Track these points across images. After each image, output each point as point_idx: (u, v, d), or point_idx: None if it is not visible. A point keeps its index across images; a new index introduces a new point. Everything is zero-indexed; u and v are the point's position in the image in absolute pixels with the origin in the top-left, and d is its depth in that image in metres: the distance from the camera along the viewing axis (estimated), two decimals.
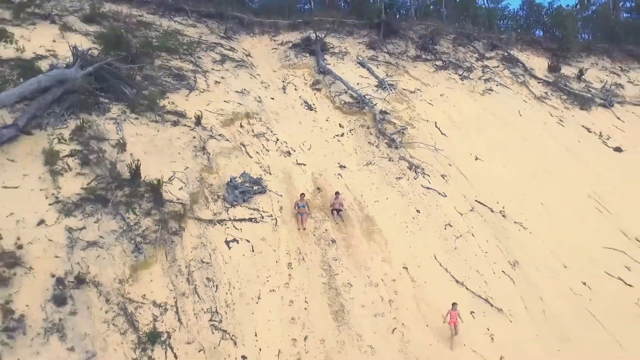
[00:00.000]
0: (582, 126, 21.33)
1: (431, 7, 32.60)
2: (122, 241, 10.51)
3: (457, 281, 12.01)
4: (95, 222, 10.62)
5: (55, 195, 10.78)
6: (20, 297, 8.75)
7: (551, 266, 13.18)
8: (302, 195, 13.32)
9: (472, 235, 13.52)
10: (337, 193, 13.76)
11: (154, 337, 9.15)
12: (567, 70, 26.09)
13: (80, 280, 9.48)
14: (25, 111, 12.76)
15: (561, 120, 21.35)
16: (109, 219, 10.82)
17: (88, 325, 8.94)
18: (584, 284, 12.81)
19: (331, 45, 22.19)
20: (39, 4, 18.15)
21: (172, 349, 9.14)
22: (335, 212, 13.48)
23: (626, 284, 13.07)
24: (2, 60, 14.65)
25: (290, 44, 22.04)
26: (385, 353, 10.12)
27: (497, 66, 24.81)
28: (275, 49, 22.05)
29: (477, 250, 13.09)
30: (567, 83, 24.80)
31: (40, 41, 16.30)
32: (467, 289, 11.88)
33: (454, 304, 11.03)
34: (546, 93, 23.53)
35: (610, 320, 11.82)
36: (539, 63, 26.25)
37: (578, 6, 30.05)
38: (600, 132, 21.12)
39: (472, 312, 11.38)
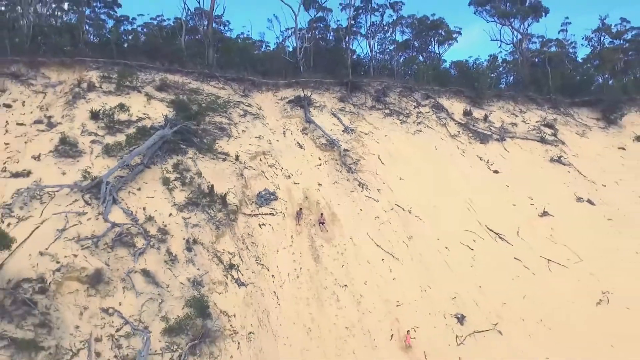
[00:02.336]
0: (477, 156, 32.50)
1: (386, 57, 43.99)
2: (209, 224, 21.12)
3: (377, 245, 23.05)
4: (194, 215, 21.19)
5: (173, 201, 21.39)
6: (172, 247, 19.25)
7: (430, 239, 24.33)
8: (300, 209, 24.03)
9: (390, 222, 24.62)
10: (321, 214, 23.89)
11: (231, 266, 19.83)
12: (478, 114, 37.02)
13: (194, 241, 20.02)
14: (145, 155, 23.51)
15: (463, 152, 32.57)
16: (200, 213, 21.40)
17: (202, 260, 19.53)
18: (446, 248, 24.05)
19: (314, 101, 33.04)
20: (130, 79, 28.76)
21: (239, 271, 19.87)
22: (321, 224, 23.53)
23: (470, 249, 24.37)
24: (122, 121, 25.36)
25: (287, 100, 32.81)
26: (338, 276, 21.18)
27: (428, 112, 35.66)
28: (277, 102, 32.88)
29: (391, 231, 24.18)
30: (475, 124, 35.89)
31: (136, 107, 26.85)
32: (382, 248, 22.97)
33: (408, 331, 19.08)
34: (458, 132, 34.54)
35: (453, 264, 23.09)
36: (459, 108, 37.23)
37: (491, 63, 41.59)
38: (488, 160, 32.31)
39: (382, 259, 22.51)
